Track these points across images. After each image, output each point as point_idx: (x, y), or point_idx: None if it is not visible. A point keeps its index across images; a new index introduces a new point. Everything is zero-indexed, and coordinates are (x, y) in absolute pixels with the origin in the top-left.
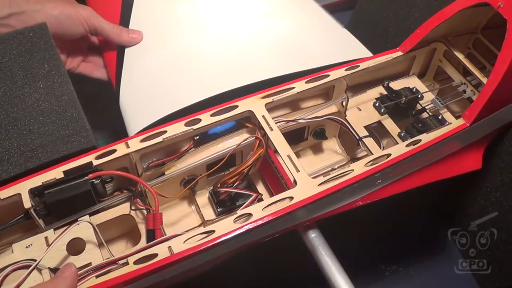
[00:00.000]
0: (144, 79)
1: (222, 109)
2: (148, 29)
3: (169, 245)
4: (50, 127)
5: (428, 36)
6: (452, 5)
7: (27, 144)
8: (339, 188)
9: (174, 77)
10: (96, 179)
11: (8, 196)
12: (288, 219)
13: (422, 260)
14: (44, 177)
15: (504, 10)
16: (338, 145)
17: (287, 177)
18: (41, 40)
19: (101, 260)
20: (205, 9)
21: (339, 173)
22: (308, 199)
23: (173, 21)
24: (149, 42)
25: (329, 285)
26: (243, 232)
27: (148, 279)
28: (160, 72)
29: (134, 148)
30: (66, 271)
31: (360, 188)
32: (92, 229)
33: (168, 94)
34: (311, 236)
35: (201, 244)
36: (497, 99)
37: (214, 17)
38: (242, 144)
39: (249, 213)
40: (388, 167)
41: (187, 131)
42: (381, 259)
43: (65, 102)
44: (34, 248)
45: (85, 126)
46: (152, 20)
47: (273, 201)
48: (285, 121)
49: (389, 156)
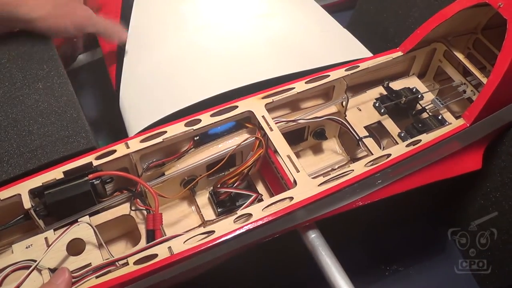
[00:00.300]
0: (144, 79)
1: (222, 110)
2: (148, 29)
3: (169, 245)
4: (49, 128)
5: (428, 36)
6: (452, 5)
7: (26, 145)
8: (339, 188)
9: (174, 78)
10: (96, 180)
11: (8, 197)
12: (288, 219)
13: (422, 260)
14: (44, 178)
15: (504, 10)
16: (338, 145)
17: (287, 177)
18: (40, 41)
19: (101, 261)
20: (205, 10)
21: (339, 173)
22: (308, 199)
23: (173, 21)
24: (149, 43)
25: (329, 285)
26: (243, 232)
27: (148, 280)
28: (160, 73)
29: (134, 148)
30: (59, 278)
31: (360, 188)
32: (92, 230)
33: (168, 94)
34: (311, 236)
35: (201, 245)
36: (497, 99)
37: (215, 18)
38: (242, 144)
39: (249, 213)
40: (388, 167)
41: (187, 131)
42: (381, 259)
43: (64, 103)
44: (34, 249)
45: (85, 127)
46: (151, 21)
47: (273, 202)
48: (285, 121)
49: (389, 156)
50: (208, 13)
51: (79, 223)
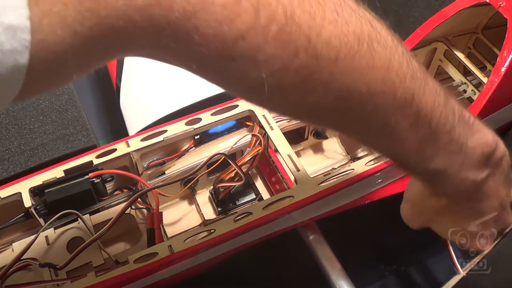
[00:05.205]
0: (145, 78)
1: (222, 108)
2: None
3: (169, 244)
4: (50, 126)
5: (429, 36)
6: (453, 4)
7: (27, 143)
8: (340, 187)
9: (174, 77)
10: (96, 178)
11: (8, 195)
12: (288, 218)
13: (422, 260)
14: (44, 176)
15: (504, 10)
16: (339, 144)
17: (287, 176)
18: None
19: (102, 260)
20: None
21: (340, 173)
22: (308, 198)
23: None
24: None
25: (329, 285)
26: (243, 232)
27: (148, 278)
28: (160, 72)
29: (135, 147)
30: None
31: (360, 188)
32: (92, 228)
33: (168, 93)
34: (311, 236)
35: (201, 243)
36: (498, 99)
37: None
38: (239, 142)
39: (249, 212)
40: (389, 166)
41: (188, 130)
42: (381, 259)
43: (65, 101)
44: (34, 247)
45: (86, 125)
46: None
47: (274, 201)
48: (285, 120)
49: None
50: None
51: (79, 221)
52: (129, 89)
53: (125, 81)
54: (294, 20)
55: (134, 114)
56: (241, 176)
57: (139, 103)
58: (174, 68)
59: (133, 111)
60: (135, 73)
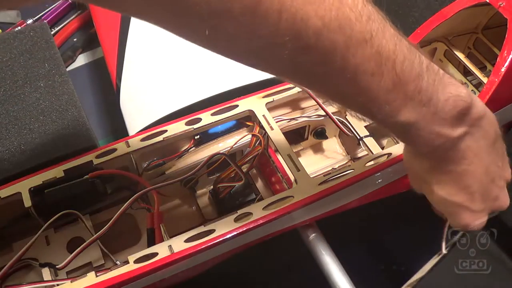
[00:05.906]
0: (144, 78)
1: (222, 108)
2: (148, 29)
3: (169, 244)
4: (50, 126)
5: (429, 36)
6: (453, 4)
7: (27, 143)
8: (340, 187)
9: (174, 76)
10: (96, 178)
11: (8, 195)
12: (288, 218)
13: (422, 260)
14: (44, 176)
15: (504, 10)
16: (339, 144)
17: (287, 176)
18: (41, 39)
19: (102, 260)
20: None
21: (340, 173)
22: (308, 198)
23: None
24: (149, 42)
25: (329, 285)
26: (243, 232)
27: (148, 278)
28: (160, 71)
29: (135, 147)
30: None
31: (360, 188)
32: (93, 229)
33: (168, 93)
34: (311, 236)
35: (202, 243)
36: (498, 99)
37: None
38: (239, 142)
39: (249, 212)
40: (389, 166)
41: (188, 130)
42: (381, 259)
43: (65, 101)
44: (34, 247)
45: (86, 125)
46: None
47: (274, 201)
48: (285, 120)
49: (390, 155)
50: None
51: (79, 221)
52: (129, 89)
53: (125, 81)
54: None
55: (134, 114)
56: (241, 176)
57: (139, 103)
58: (174, 68)
59: (133, 111)
60: (135, 73)
